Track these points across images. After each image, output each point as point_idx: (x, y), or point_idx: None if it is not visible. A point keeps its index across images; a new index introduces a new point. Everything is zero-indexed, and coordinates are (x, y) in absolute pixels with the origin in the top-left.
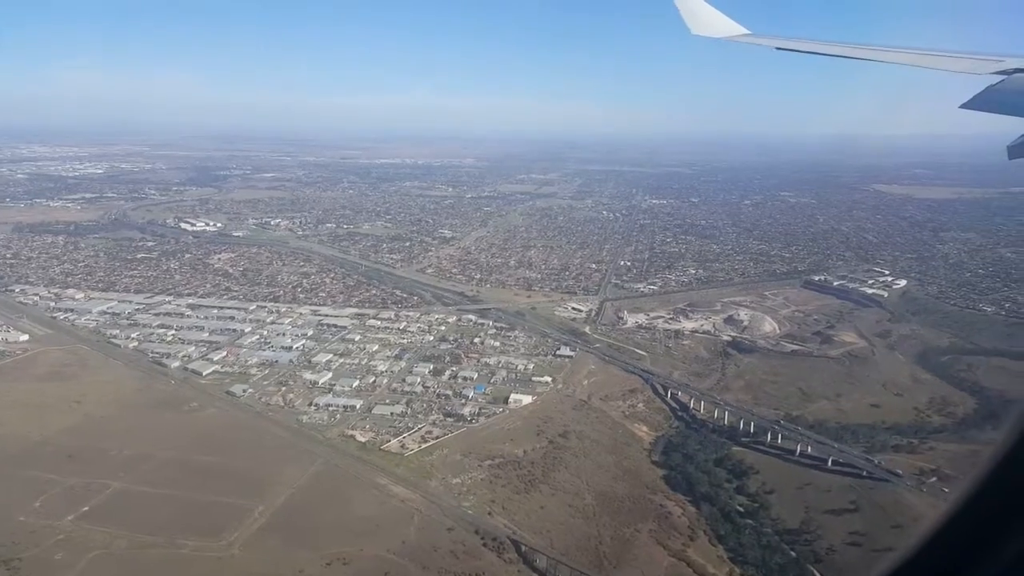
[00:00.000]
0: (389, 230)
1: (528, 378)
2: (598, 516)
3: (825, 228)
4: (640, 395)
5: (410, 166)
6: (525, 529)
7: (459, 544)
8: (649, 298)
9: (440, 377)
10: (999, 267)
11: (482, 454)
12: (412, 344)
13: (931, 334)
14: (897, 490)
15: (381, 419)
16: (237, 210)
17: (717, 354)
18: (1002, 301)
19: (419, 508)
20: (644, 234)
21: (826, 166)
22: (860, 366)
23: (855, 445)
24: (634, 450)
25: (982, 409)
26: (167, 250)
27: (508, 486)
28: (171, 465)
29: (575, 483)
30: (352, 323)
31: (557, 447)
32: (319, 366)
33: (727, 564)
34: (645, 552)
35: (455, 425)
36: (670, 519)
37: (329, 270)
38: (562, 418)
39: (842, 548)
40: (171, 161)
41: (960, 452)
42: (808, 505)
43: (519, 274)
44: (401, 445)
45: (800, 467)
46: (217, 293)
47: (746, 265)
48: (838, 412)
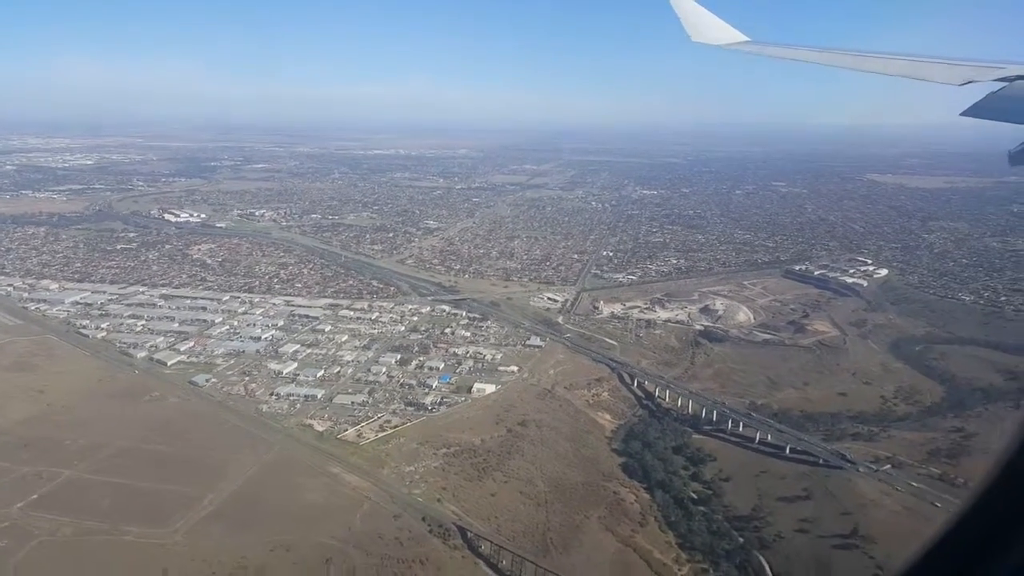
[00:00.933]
0: (374, 221)
1: (495, 368)
2: (549, 503)
3: (813, 218)
4: (606, 384)
5: (403, 157)
6: (473, 516)
7: (405, 531)
8: (627, 288)
9: (406, 367)
10: (983, 257)
11: (438, 443)
12: (382, 334)
13: (907, 323)
14: (851, 477)
15: (341, 408)
16: (223, 201)
17: (688, 343)
18: (981, 290)
19: (369, 496)
20: (631, 224)
21: (823, 156)
22: (831, 355)
23: (815, 433)
24: (594, 438)
25: (949, 398)
26: (147, 241)
27: (461, 474)
28: (125, 454)
29: (529, 471)
30: (324, 313)
31: (515, 435)
32: (285, 356)
33: (675, 550)
34: (593, 538)
35: (415, 414)
36: (622, 506)
37: (308, 261)
38: (524, 407)
39: (790, 535)
40: (163, 152)
41: (918, 440)
42: (761, 492)
43: (499, 264)
44: (358, 434)
45: (758, 455)
46: (192, 284)
47: (728, 255)
48: (804, 400)
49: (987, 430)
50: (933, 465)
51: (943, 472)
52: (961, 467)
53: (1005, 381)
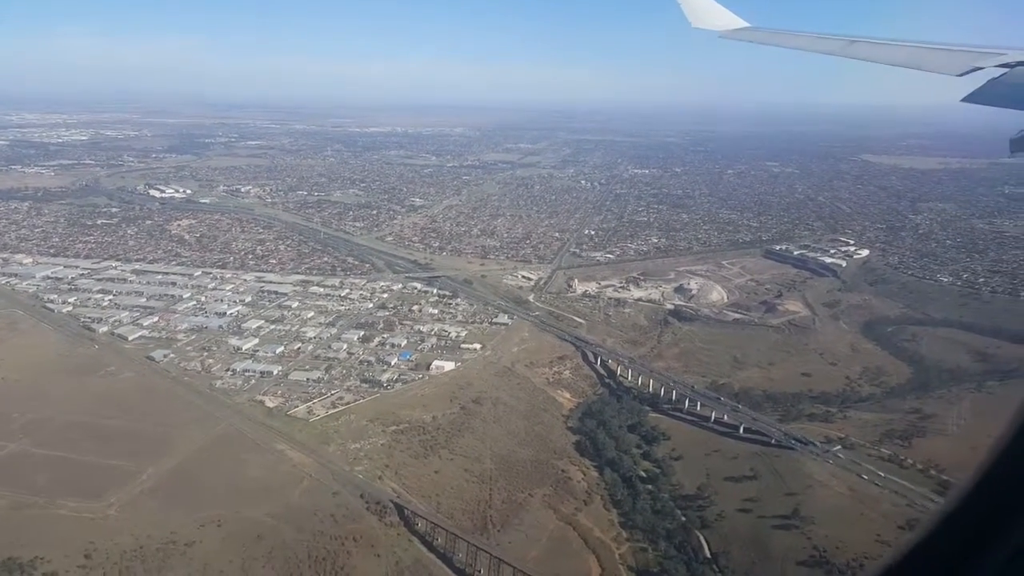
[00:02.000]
0: (360, 198)
1: (457, 345)
2: (494, 480)
3: (801, 198)
4: (569, 362)
5: (400, 135)
6: (414, 493)
7: (342, 508)
8: (604, 267)
9: (368, 344)
10: (968, 238)
11: (388, 420)
12: (349, 311)
13: (882, 304)
14: (799, 458)
15: (296, 385)
16: (211, 177)
17: (656, 322)
18: (961, 272)
19: (310, 473)
20: (617, 203)
21: (823, 136)
22: (799, 335)
23: (773, 413)
24: (550, 416)
25: (915, 379)
26: (128, 216)
27: (407, 451)
28: (73, 428)
29: (478, 448)
30: (294, 290)
31: (468, 413)
32: (247, 332)
33: (616, 528)
34: (534, 516)
35: (370, 391)
36: (569, 484)
37: (287, 237)
38: (481, 384)
39: (732, 514)
40: (158, 128)
41: (874, 421)
42: (710, 471)
43: (479, 242)
44: (308, 411)
45: (713, 434)
46: (167, 259)
47: (710, 234)
48: (767, 380)
49: (945, 411)
50: (885, 446)
51: (893, 453)
52: (913, 449)
53: (974, 362)
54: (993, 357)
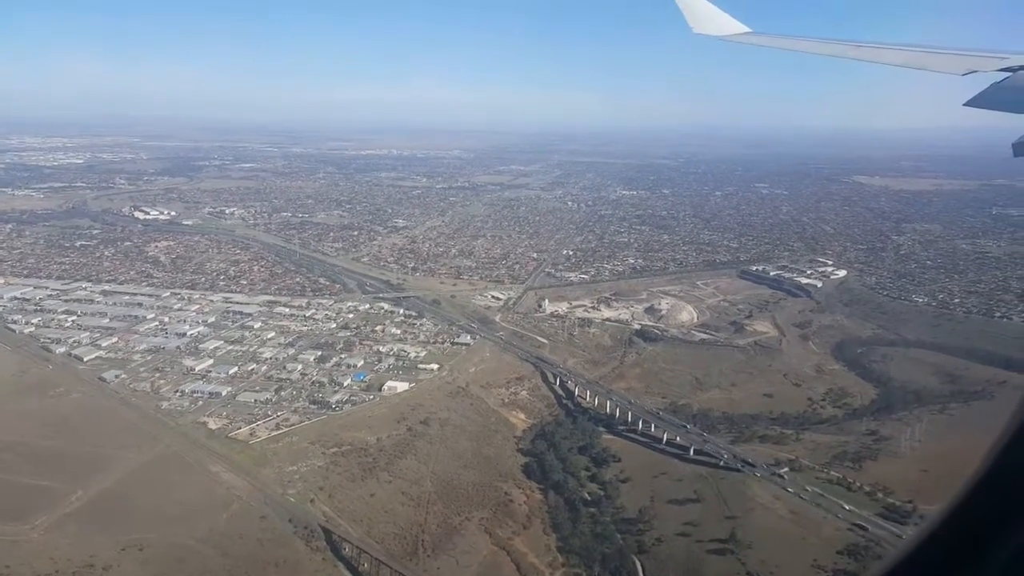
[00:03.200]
0: (344, 219)
1: (415, 365)
2: (432, 504)
3: (786, 219)
4: (527, 383)
5: (394, 157)
6: (345, 517)
7: (268, 532)
8: (577, 287)
9: (324, 364)
10: (948, 259)
11: (331, 442)
12: (311, 332)
13: (855, 324)
14: (745, 480)
15: (243, 406)
16: (198, 199)
17: (621, 343)
18: (937, 292)
19: (241, 496)
20: (600, 224)
21: (816, 158)
22: (765, 356)
23: (727, 435)
24: (501, 437)
25: (879, 401)
26: (109, 238)
27: (344, 474)
28: (9, 449)
29: (419, 470)
30: (259, 310)
31: (415, 434)
32: (204, 353)
33: (553, 553)
34: (469, 540)
35: (317, 412)
36: (510, 507)
37: (262, 258)
38: (433, 405)
39: (671, 538)
40: (155, 152)
41: (828, 443)
42: (655, 494)
43: (455, 263)
44: (250, 433)
45: (664, 456)
46: (138, 280)
47: (688, 255)
48: (728, 401)
49: (901, 434)
50: (835, 469)
51: (842, 476)
52: (863, 471)
53: (942, 384)
54: (961, 378)
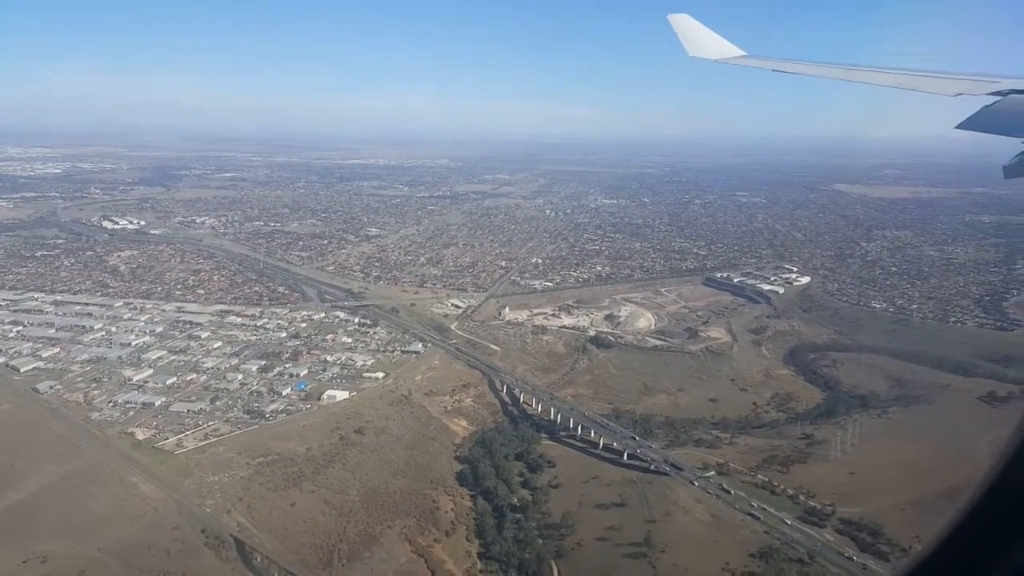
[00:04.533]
0: (316, 228)
1: (360, 374)
2: (354, 513)
3: (759, 227)
4: (473, 390)
5: (381, 167)
6: (261, 527)
7: (179, 543)
8: (540, 295)
9: (266, 374)
10: (914, 265)
11: (258, 452)
12: (260, 341)
13: (811, 330)
14: (671, 484)
15: (175, 416)
16: (172, 208)
17: (575, 349)
18: (896, 298)
19: (157, 506)
20: (575, 232)
21: (801, 167)
22: (715, 361)
23: (663, 439)
24: (439, 445)
25: (824, 405)
26: (71, 248)
27: (266, 484)
28: None
29: (346, 479)
30: (211, 320)
31: (347, 444)
32: (145, 363)
33: (472, 560)
34: (387, 549)
35: (249, 422)
36: (435, 515)
37: (225, 267)
38: (371, 414)
39: (590, 543)
40: (138, 161)
41: (761, 447)
42: (583, 499)
43: (421, 271)
44: (178, 443)
45: (598, 460)
46: (92, 290)
47: (656, 262)
48: (672, 406)
49: (835, 437)
50: (762, 472)
51: (768, 480)
52: (790, 475)
53: (890, 388)
54: (908, 383)
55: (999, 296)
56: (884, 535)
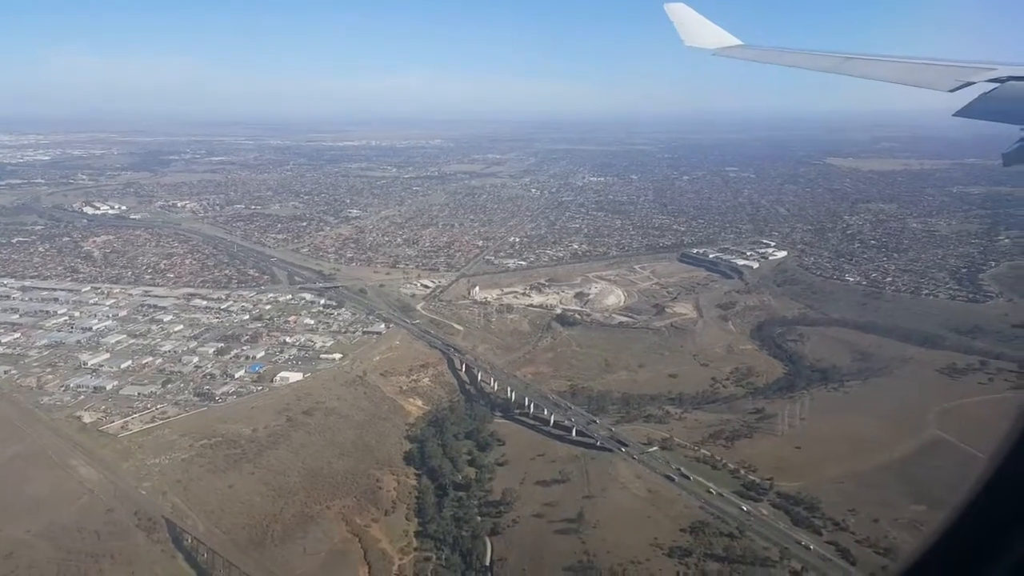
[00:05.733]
0: (297, 210)
1: (318, 355)
2: (293, 494)
3: (744, 202)
4: (431, 369)
5: (372, 148)
6: (195, 509)
7: (110, 525)
8: (513, 273)
9: (223, 357)
10: (894, 238)
11: (202, 434)
12: (222, 324)
13: (781, 304)
14: (613, 460)
15: (124, 400)
16: (155, 193)
17: (539, 327)
18: (871, 271)
19: (93, 489)
20: (557, 211)
21: (798, 141)
22: (679, 337)
23: (615, 415)
24: (391, 424)
25: (784, 379)
26: (48, 233)
27: (207, 466)
28: None
29: (289, 460)
30: (176, 303)
31: (294, 425)
32: (103, 347)
33: (408, 539)
34: (323, 529)
35: (198, 405)
36: (377, 494)
37: (199, 250)
38: (323, 395)
39: (526, 519)
40: (128, 147)
41: (709, 422)
42: (526, 476)
43: (396, 252)
44: (123, 426)
45: (548, 438)
46: (63, 275)
47: (634, 239)
48: (630, 383)
49: (787, 412)
50: (706, 447)
51: (711, 454)
52: (734, 449)
53: (853, 361)
54: (872, 356)
55: (976, 268)
56: (819, 509)
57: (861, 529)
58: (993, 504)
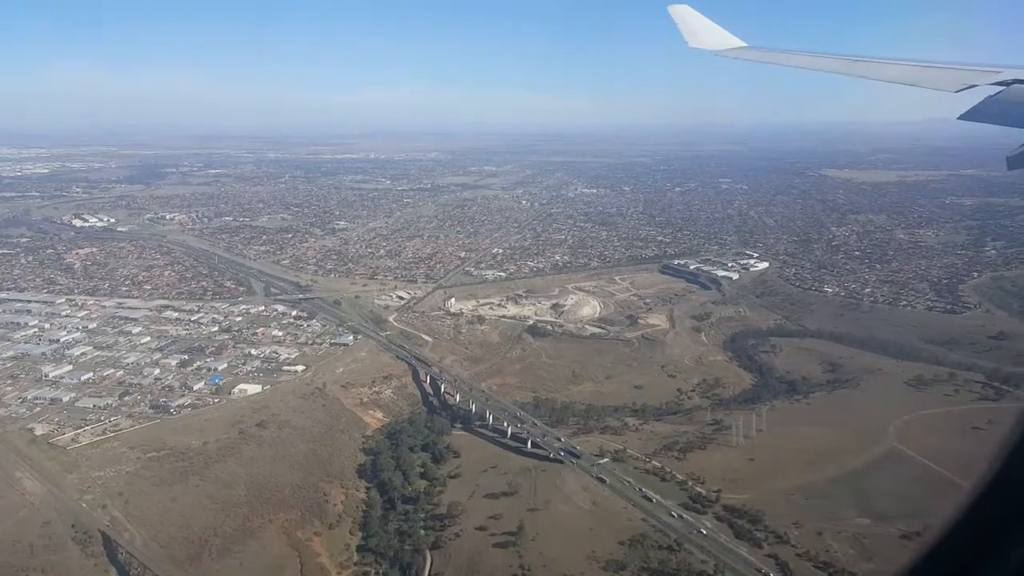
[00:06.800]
0: (286, 223)
1: (280, 367)
2: (237, 507)
3: (733, 213)
4: (395, 381)
5: (370, 160)
6: (135, 522)
7: (45, 538)
8: (491, 285)
9: (185, 369)
10: (879, 249)
11: (152, 447)
12: (190, 335)
13: (758, 315)
14: (563, 472)
15: (79, 412)
16: (146, 206)
17: (510, 339)
18: (850, 282)
19: (34, 502)
20: (545, 223)
21: (795, 152)
22: (649, 348)
23: (573, 427)
24: (347, 437)
25: (751, 391)
26: (33, 245)
27: (151, 479)
28: None
29: (237, 474)
30: (148, 315)
31: (246, 438)
32: (67, 359)
33: (349, 552)
34: (263, 543)
35: (152, 417)
36: (323, 508)
37: (180, 263)
38: (280, 408)
39: (469, 532)
40: (127, 160)
41: (665, 433)
42: (477, 488)
43: (377, 263)
44: (73, 438)
45: (504, 450)
46: (40, 287)
47: (618, 250)
48: (596, 394)
49: (745, 423)
50: (658, 459)
51: (662, 466)
52: (686, 461)
53: (822, 372)
54: (841, 367)
55: (958, 279)
56: (763, 522)
57: (803, 542)
58: (993, 505)
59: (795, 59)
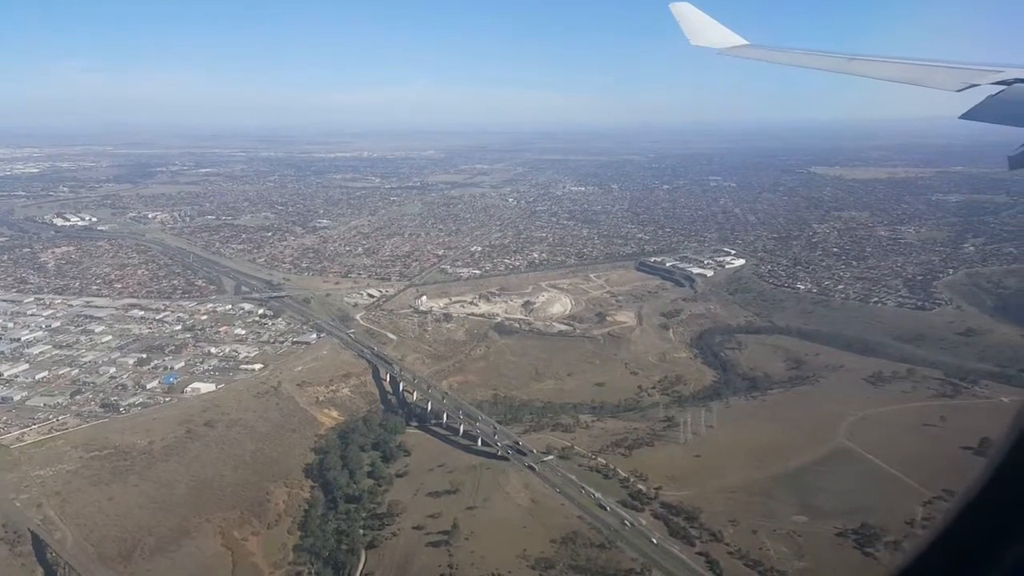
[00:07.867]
0: (267, 221)
1: (238, 366)
2: (175, 506)
3: (717, 211)
4: (353, 380)
5: (362, 159)
6: (68, 521)
7: None
8: (465, 282)
9: (142, 367)
10: (857, 246)
11: (96, 445)
12: (152, 334)
13: (728, 312)
14: (507, 469)
15: (29, 410)
16: (130, 205)
17: (475, 337)
18: (824, 279)
19: None
20: (529, 220)
21: (790, 150)
22: (614, 345)
23: (526, 424)
24: (298, 436)
25: (711, 388)
26: (9, 245)
27: (91, 478)
28: None
29: (179, 473)
30: (113, 314)
31: (192, 436)
32: (25, 358)
33: (285, 552)
34: (197, 542)
35: (101, 416)
36: (263, 507)
37: (154, 261)
38: (231, 406)
39: (406, 531)
40: (119, 159)
41: (615, 430)
42: (421, 487)
43: (353, 262)
44: (19, 437)
45: (454, 448)
46: (9, 287)
47: (596, 248)
48: (556, 391)
49: (697, 420)
50: (604, 456)
51: (607, 463)
52: (632, 458)
53: (786, 369)
54: (805, 364)
55: (932, 276)
56: (699, 519)
57: (737, 540)
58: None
59: (797, 57)
